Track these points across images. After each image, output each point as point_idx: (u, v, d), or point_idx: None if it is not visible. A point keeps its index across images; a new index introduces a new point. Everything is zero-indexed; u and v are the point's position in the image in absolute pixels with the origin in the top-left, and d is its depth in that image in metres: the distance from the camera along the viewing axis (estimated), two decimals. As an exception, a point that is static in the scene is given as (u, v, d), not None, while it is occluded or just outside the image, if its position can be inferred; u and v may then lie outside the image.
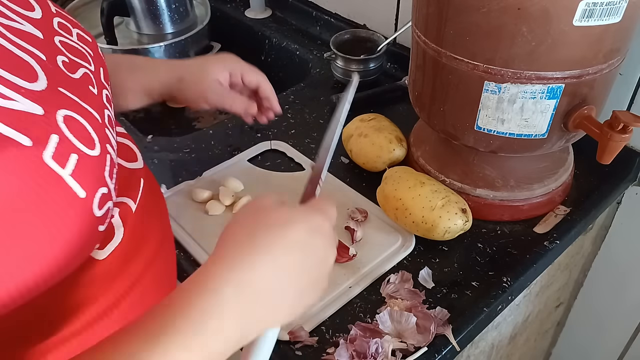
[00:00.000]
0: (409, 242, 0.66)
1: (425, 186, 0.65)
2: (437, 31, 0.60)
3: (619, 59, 0.59)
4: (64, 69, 0.37)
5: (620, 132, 0.55)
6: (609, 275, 0.93)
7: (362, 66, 0.95)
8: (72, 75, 0.37)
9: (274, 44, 1.17)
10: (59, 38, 0.39)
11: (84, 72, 0.39)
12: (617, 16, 0.52)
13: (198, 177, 0.76)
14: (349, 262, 0.63)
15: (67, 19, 0.43)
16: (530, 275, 0.65)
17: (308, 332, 0.56)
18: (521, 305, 0.74)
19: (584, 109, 0.59)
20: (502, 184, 0.69)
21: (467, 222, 0.64)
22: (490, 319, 0.62)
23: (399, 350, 0.54)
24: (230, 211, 0.70)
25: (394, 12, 0.98)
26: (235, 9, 1.27)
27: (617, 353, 1.01)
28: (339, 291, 0.60)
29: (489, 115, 0.60)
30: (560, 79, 0.56)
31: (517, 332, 0.81)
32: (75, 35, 0.42)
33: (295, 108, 0.93)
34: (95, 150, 0.35)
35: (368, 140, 0.75)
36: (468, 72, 0.58)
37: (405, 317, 0.55)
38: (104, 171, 0.36)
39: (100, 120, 0.38)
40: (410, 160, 0.76)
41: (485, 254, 0.66)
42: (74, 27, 0.43)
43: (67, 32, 0.41)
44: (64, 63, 0.37)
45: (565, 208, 0.72)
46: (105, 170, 0.36)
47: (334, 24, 1.10)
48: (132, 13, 1.11)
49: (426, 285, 0.61)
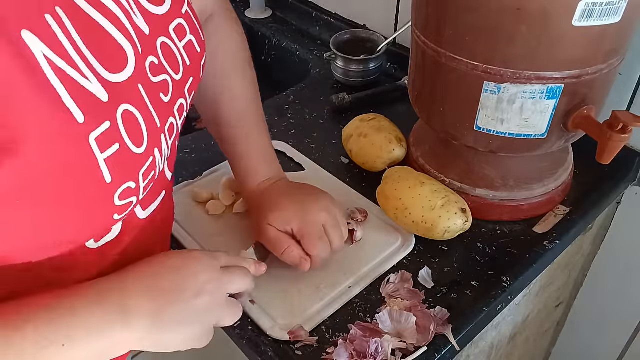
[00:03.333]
0: (409, 242, 0.66)
1: (425, 186, 0.65)
2: (436, 31, 0.60)
3: (619, 59, 0.59)
4: (148, 70, 0.39)
5: (620, 132, 0.55)
6: (608, 275, 0.93)
7: (362, 66, 0.95)
8: (152, 79, 0.40)
9: (274, 44, 1.17)
10: (162, 39, 0.41)
11: (163, 79, 0.41)
12: (617, 16, 0.52)
13: (198, 177, 0.77)
14: (349, 261, 0.63)
15: (191, 22, 0.44)
16: (530, 275, 0.65)
17: (308, 332, 0.56)
18: (521, 305, 0.74)
19: (583, 109, 0.59)
20: (502, 183, 0.69)
21: (467, 221, 0.64)
22: (489, 319, 0.62)
23: (398, 350, 0.54)
24: (231, 211, 0.71)
25: (394, 12, 0.98)
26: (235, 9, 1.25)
27: (617, 353, 1.01)
28: (339, 291, 0.60)
29: (488, 115, 0.60)
30: (560, 79, 0.56)
31: (517, 332, 0.81)
32: (185, 42, 0.44)
33: (295, 108, 0.93)
34: (140, 148, 0.37)
35: (368, 140, 0.75)
36: (468, 72, 0.58)
37: (405, 317, 0.55)
38: (140, 169, 0.38)
39: (160, 125, 0.40)
40: (410, 160, 0.76)
41: (485, 254, 0.66)
42: (192, 33, 0.44)
43: (180, 36, 0.43)
44: (151, 64, 0.39)
45: (565, 208, 0.72)
46: (142, 168, 0.38)
47: (334, 24, 1.10)
48: (132, 13, 1.11)
49: (426, 285, 0.61)
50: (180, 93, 0.43)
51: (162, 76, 0.41)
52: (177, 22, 0.42)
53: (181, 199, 0.72)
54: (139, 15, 0.38)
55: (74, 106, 0.32)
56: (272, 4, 1.25)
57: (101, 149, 0.34)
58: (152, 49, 0.40)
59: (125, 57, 0.37)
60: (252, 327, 0.57)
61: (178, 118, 0.44)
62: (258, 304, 0.59)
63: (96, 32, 0.35)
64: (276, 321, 0.57)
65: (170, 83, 0.42)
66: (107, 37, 0.36)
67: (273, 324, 0.57)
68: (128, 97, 0.37)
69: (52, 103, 0.31)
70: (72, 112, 0.32)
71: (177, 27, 0.42)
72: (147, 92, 0.39)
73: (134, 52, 0.37)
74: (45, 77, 0.31)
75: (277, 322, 0.57)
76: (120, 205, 0.38)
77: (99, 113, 0.34)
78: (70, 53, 0.33)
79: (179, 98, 0.43)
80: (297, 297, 0.59)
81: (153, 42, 0.40)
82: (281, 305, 0.59)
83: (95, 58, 0.34)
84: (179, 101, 0.43)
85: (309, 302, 0.59)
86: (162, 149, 0.41)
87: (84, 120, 0.33)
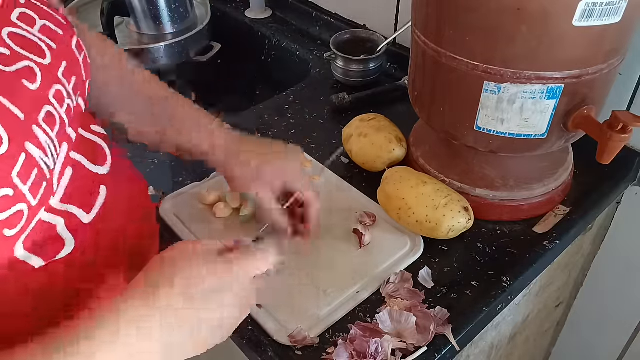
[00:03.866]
0: (418, 247, 0.65)
1: (427, 185, 0.65)
2: (436, 31, 0.60)
3: (619, 59, 0.59)
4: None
5: (620, 132, 0.55)
6: (608, 275, 0.93)
7: (362, 66, 0.95)
8: (3, 68, 0.36)
9: (274, 44, 1.17)
10: (8, 30, 0.37)
11: (25, 66, 0.37)
12: (617, 16, 0.52)
13: (206, 179, 0.76)
14: (357, 266, 0.63)
15: (37, 9, 0.41)
16: (530, 275, 0.65)
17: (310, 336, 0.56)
18: (521, 305, 0.74)
19: (583, 109, 0.59)
20: (502, 183, 0.69)
21: (470, 220, 0.64)
22: (489, 319, 0.62)
23: (398, 350, 0.54)
24: (238, 214, 0.70)
25: (394, 12, 0.98)
26: (236, 9, 1.27)
27: (617, 353, 1.01)
28: (347, 296, 0.60)
29: (488, 115, 0.60)
30: (560, 79, 0.56)
31: (517, 332, 0.81)
32: (38, 27, 0.40)
33: (295, 108, 0.93)
34: (1, 147, 0.33)
35: (368, 140, 0.75)
36: (468, 72, 0.58)
37: (405, 317, 0.55)
38: (10, 171, 0.33)
39: (25, 116, 0.35)
40: (410, 160, 0.76)
41: (485, 254, 0.66)
42: (43, 18, 0.41)
43: (28, 24, 0.39)
44: (0, 55, 0.36)
45: (565, 208, 0.72)
46: (13, 169, 0.33)
47: (334, 24, 1.10)
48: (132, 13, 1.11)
49: (426, 285, 0.61)
50: (54, 79, 0.40)
51: (21, 63, 0.37)
52: (17, 11, 0.39)
53: (188, 201, 0.72)
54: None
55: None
56: (272, 4, 1.24)
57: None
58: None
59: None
60: (252, 327, 0.57)
61: (58, 106, 0.40)
62: (265, 308, 0.58)
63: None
64: (282, 326, 0.56)
65: (38, 69, 0.38)
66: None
67: (279, 328, 0.56)
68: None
69: None
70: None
71: (20, 16, 0.39)
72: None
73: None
74: None
75: (284, 327, 0.56)
76: (5, 219, 0.33)
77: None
78: None
79: (53, 84, 0.39)
80: (304, 301, 0.59)
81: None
82: (288, 310, 0.58)
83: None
84: (53, 87, 0.39)
85: (317, 307, 0.58)
86: (40, 142, 0.36)
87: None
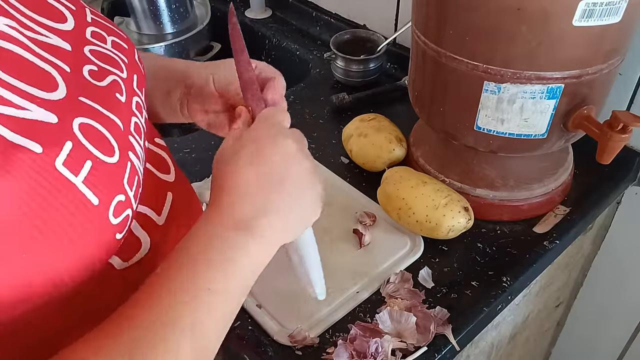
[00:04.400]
0: (418, 247, 0.65)
1: (427, 185, 0.65)
2: (436, 31, 0.60)
3: (619, 59, 0.59)
4: (90, 78, 0.38)
5: (620, 132, 0.55)
6: (608, 275, 0.93)
7: (362, 66, 0.95)
8: (98, 84, 0.38)
9: (274, 44, 1.18)
10: (89, 47, 0.40)
11: (113, 80, 0.39)
12: (617, 16, 0.52)
13: (206, 179, 0.76)
14: (357, 266, 0.63)
15: (103, 27, 0.43)
16: (529, 275, 0.65)
17: (310, 336, 0.56)
18: (521, 305, 0.74)
19: (583, 109, 0.59)
20: (502, 183, 0.69)
21: (470, 220, 0.64)
22: (489, 319, 0.62)
23: (398, 350, 0.54)
24: None
25: (394, 12, 0.98)
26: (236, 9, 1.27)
27: (617, 353, 1.01)
28: (347, 296, 0.60)
29: (488, 115, 0.60)
30: (560, 79, 0.56)
31: (517, 332, 0.81)
32: (110, 43, 0.42)
33: (295, 108, 0.93)
34: (113, 157, 0.35)
35: (368, 140, 0.75)
36: (468, 72, 0.58)
37: (405, 317, 0.55)
38: (122, 178, 0.36)
39: (124, 127, 0.38)
40: (410, 160, 0.76)
41: (485, 254, 0.66)
42: (110, 34, 0.43)
43: (101, 41, 0.42)
44: (91, 72, 0.38)
45: (564, 208, 0.72)
46: (124, 177, 0.36)
47: (334, 24, 1.10)
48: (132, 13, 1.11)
49: (426, 285, 0.61)
50: (132, 91, 0.42)
51: (109, 78, 0.39)
52: (89, 30, 0.41)
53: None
54: (52, 35, 0.37)
55: (24, 140, 0.30)
56: (272, 4, 1.25)
57: (74, 172, 0.32)
58: (83, 60, 0.38)
59: (52, 77, 0.35)
60: (252, 327, 0.57)
61: (140, 116, 0.42)
62: (265, 309, 0.59)
63: (12, 60, 0.33)
64: (283, 326, 0.56)
65: (122, 82, 0.40)
66: (26, 62, 0.33)
67: (280, 328, 0.56)
68: (77, 110, 0.34)
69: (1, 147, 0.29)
70: (25, 145, 0.30)
71: (92, 34, 0.41)
72: (96, 99, 0.37)
73: (57, 72, 0.35)
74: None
75: (284, 327, 0.56)
76: (118, 223, 0.36)
77: (55, 136, 0.32)
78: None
79: (133, 96, 0.42)
80: (304, 302, 0.59)
81: (80, 53, 0.38)
82: (288, 310, 0.58)
83: (25, 84, 0.32)
84: (133, 99, 0.42)
85: (317, 307, 0.58)
86: (136, 151, 0.39)
87: (42, 149, 0.31)
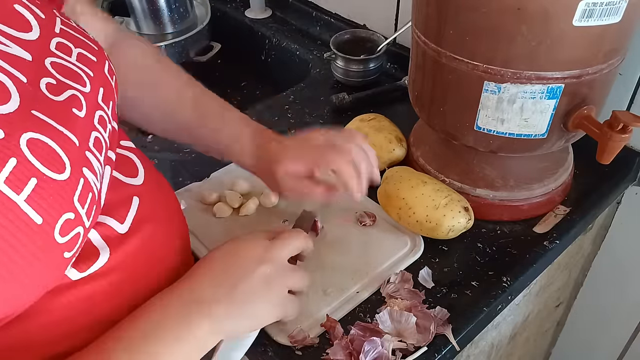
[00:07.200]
0: (418, 247, 0.65)
1: (427, 185, 0.65)
2: (437, 31, 0.60)
3: (619, 59, 0.59)
4: (46, 92, 0.36)
5: (620, 132, 0.55)
6: (608, 275, 0.93)
7: (362, 66, 0.95)
8: (54, 98, 0.37)
9: (274, 44, 1.18)
10: (50, 59, 0.38)
11: (71, 95, 0.38)
12: (617, 16, 0.52)
13: (206, 179, 0.76)
14: (357, 266, 0.63)
15: (72, 38, 0.42)
16: (530, 275, 0.65)
17: (310, 336, 0.56)
18: (521, 305, 0.74)
19: (583, 109, 0.59)
20: (502, 184, 0.69)
21: (470, 220, 0.64)
22: (490, 319, 0.62)
23: (398, 350, 0.54)
24: (237, 214, 0.70)
25: (394, 12, 0.98)
26: (235, 9, 1.27)
27: (617, 353, 1.01)
28: (347, 296, 0.60)
29: (488, 115, 0.60)
30: (560, 79, 0.56)
31: (517, 332, 0.81)
32: (75, 56, 0.41)
33: (295, 108, 0.93)
34: (63, 173, 0.34)
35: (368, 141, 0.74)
36: (468, 72, 0.58)
37: (405, 317, 0.55)
38: (72, 195, 0.35)
39: (79, 143, 0.37)
40: (410, 160, 0.76)
41: (485, 254, 0.66)
42: (78, 46, 0.42)
43: (66, 53, 0.40)
44: (48, 85, 0.37)
45: (565, 208, 0.72)
46: (74, 194, 0.35)
47: (334, 24, 1.10)
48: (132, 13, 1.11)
49: (426, 285, 0.61)
50: (95, 105, 0.41)
51: (66, 93, 0.38)
52: (55, 41, 0.40)
53: (187, 201, 0.72)
54: (12, 45, 0.36)
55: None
56: (272, 4, 1.24)
57: (16, 190, 0.31)
58: (42, 72, 0.37)
59: (6, 88, 0.34)
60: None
61: (103, 131, 0.41)
62: None
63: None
64: (282, 326, 0.56)
65: (82, 97, 0.39)
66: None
67: (279, 328, 0.56)
68: (27, 124, 0.33)
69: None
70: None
71: (57, 46, 0.40)
72: (49, 114, 0.35)
73: (13, 82, 0.34)
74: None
75: (284, 327, 0.56)
76: (66, 242, 0.35)
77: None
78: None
79: (96, 110, 0.41)
80: (304, 302, 0.58)
81: (41, 65, 0.37)
82: None
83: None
84: (96, 113, 0.41)
85: (316, 307, 0.58)
86: (93, 167, 0.38)
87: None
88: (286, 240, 0.50)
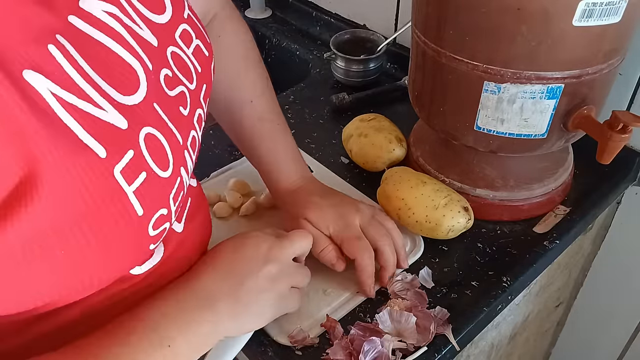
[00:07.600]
0: (418, 247, 0.65)
1: (427, 185, 0.65)
2: (436, 31, 0.60)
3: (619, 59, 0.59)
4: (164, 84, 0.36)
5: (620, 132, 0.55)
6: (608, 275, 0.93)
7: (362, 66, 0.95)
8: (168, 92, 0.37)
9: (274, 44, 1.18)
10: (172, 49, 0.38)
11: (181, 91, 0.39)
12: (617, 16, 0.52)
13: (205, 179, 0.76)
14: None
15: (195, 27, 0.42)
16: (530, 275, 0.65)
17: (310, 336, 0.56)
18: (521, 305, 0.74)
19: (583, 109, 0.59)
20: (502, 184, 0.69)
21: (470, 220, 0.64)
22: (489, 319, 0.62)
23: (398, 350, 0.54)
24: (237, 213, 0.70)
25: (394, 12, 0.98)
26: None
27: (617, 353, 1.01)
28: (346, 297, 0.60)
29: (488, 115, 0.60)
30: (560, 79, 0.56)
31: (517, 332, 0.81)
32: (192, 47, 0.41)
33: (295, 108, 0.93)
34: (167, 171, 0.35)
35: (368, 140, 0.75)
36: (468, 72, 0.58)
37: (405, 317, 0.55)
38: (169, 193, 0.36)
39: (182, 142, 0.37)
40: (410, 160, 0.76)
41: (485, 254, 0.66)
42: (198, 37, 0.42)
43: (186, 43, 0.40)
44: (165, 77, 0.37)
45: (565, 208, 0.72)
46: (171, 192, 0.36)
47: (334, 24, 1.10)
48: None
49: (426, 285, 0.61)
50: (197, 103, 0.41)
51: (178, 88, 0.38)
52: (181, 28, 0.39)
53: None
54: (144, 27, 0.35)
55: (93, 141, 0.30)
56: (272, 4, 1.25)
57: (128, 181, 0.32)
58: (163, 62, 0.37)
59: (137, 76, 0.34)
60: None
61: (198, 129, 0.41)
62: None
63: (102, 54, 0.32)
64: (283, 326, 0.56)
65: (187, 94, 0.39)
66: (114, 57, 0.33)
67: (280, 329, 0.56)
68: (147, 119, 0.34)
69: (69, 143, 0.29)
70: (92, 148, 0.30)
71: (182, 34, 0.39)
72: (165, 109, 0.36)
73: (143, 70, 0.34)
74: (57, 116, 0.29)
75: (284, 328, 0.56)
76: (155, 235, 0.36)
77: (121, 143, 0.32)
78: (79, 84, 0.30)
79: (197, 108, 0.41)
80: (305, 302, 0.58)
81: (163, 53, 0.37)
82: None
83: (107, 83, 0.31)
84: (197, 112, 0.41)
85: (316, 307, 0.58)
86: (187, 167, 0.38)
87: (106, 154, 0.30)
88: (293, 240, 0.50)
